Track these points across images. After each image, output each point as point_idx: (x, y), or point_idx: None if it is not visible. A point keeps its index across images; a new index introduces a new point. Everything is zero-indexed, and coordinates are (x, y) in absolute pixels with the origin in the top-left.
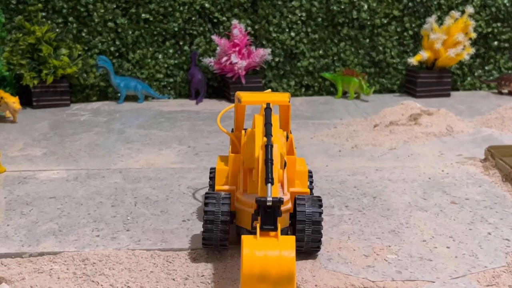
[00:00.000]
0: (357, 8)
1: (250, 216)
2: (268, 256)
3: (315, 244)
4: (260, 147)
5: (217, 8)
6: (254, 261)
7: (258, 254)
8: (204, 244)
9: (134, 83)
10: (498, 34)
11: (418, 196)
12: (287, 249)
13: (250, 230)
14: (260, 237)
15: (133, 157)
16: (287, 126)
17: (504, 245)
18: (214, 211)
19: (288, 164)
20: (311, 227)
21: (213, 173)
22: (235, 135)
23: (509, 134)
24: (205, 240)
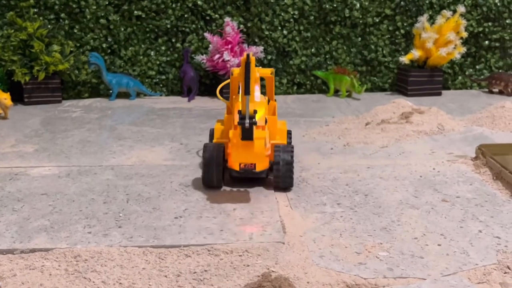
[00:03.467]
0: (349, 6)
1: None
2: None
3: (288, 180)
4: (240, 68)
5: (210, 5)
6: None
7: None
8: (205, 184)
9: (126, 80)
10: (489, 33)
11: (410, 194)
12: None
13: (239, 171)
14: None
15: (125, 153)
16: (271, 95)
17: (495, 243)
18: (209, 156)
19: (269, 123)
20: (285, 167)
21: (210, 132)
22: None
23: (499, 132)
24: (205, 180)
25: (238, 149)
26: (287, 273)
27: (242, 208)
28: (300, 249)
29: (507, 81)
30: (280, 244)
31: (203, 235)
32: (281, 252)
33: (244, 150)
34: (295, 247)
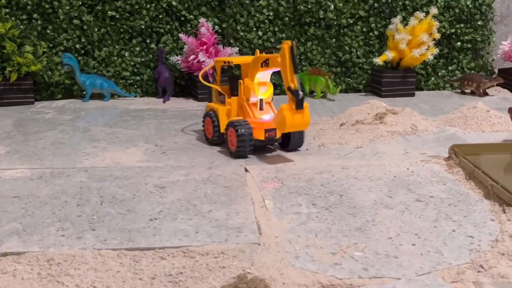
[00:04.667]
0: (323, 8)
1: (263, 130)
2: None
3: (300, 141)
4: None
5: (185, 6)
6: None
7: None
8: (238, 156)
9: (100, 81)
10: (461, 34)
11: (384, 194)
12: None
13: (263, 140)
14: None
15: (99, 155)
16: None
17: (468, 242)
18: (245, 131)
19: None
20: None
21: (211, 116)
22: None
23: (472, 133)
24: (240, 154)
25: (293, 117)
26: (262, 274)
27: (218, 209)
28: (275, 250)
29: (479, 82)
30: (255, 245)
31: (178, 237)
32: (256, 254)
33: (297, 118)
34: (270, 248)
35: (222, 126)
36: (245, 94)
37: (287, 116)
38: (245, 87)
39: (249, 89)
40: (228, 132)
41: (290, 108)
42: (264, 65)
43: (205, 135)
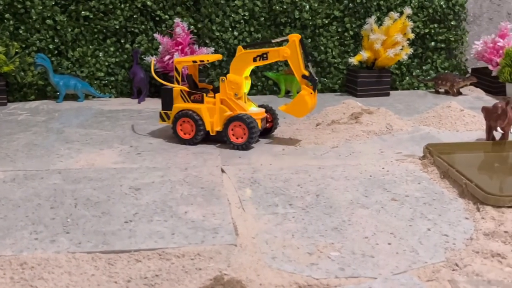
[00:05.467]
0: (299, 8)
1: (259, 121)
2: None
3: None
4: (295, 44)
5: (159, 6)
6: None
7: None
8: (246, 148)
9: (74, 82)
10: (435, 34)
11: (360, 193)
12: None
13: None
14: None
15: (73, 157)
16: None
17: (443, 241)
18: (256, 124)
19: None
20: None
21: (190, 116)
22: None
23: (446, 132)
24: (250, 143)
25: (311, 101)
26: (239, 275)
27: (194, 210)
28: (252, 251)
29: (453, 82)
30: (232, 246)
31: (154, 239)
32: (233, 255)
33: (313, 102)
34: (247, 249)
35: (208, 124)
36: (234, 89)
37: (308, 101)
38: (232, 82)
39: (238, 84)
40: (229, 126)
41: (308, 93)
42: (259, 59)
43: (180, 137)
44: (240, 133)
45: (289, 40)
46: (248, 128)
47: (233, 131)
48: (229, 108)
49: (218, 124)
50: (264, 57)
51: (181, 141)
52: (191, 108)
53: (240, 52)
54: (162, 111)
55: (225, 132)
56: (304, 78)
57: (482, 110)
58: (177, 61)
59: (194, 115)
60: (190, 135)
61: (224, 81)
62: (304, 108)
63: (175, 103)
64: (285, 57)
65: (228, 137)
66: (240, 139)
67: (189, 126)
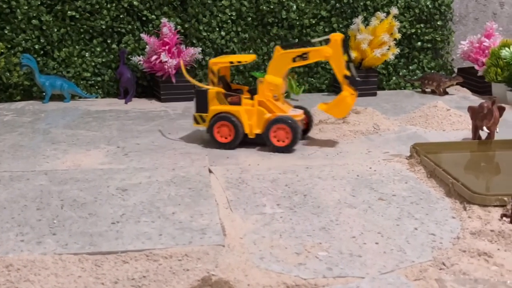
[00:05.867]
0: (286, 8)
1: (300, 122)
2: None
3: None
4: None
5: (146, 6)
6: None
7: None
8: (287, 150)
9: (60, 82)
10: (421, 34)
11: (347, 193)
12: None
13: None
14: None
15: (60, 158)
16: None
17: (430, 240)
18: (298, 125)
19: None
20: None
21: (228, 119)
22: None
23: (432, 131)
24: (292, 146)
25: (352, 100)
26: (227, 276)
27: (181, 211)
28: (240, 252)
29: (439, 81)
30: (220, 247)
31: (141, 240)
32: (221, 255)
33: (353, 101)
34: (235, 249)
35: (246, 126)
36: (273, 91)
37: (350, 101)
38: (271, 83)
39: (277, 86)
40: (271, 129)
41: (350, 94)
42: (299, 60)
43: (217, 141)
44: (283, 136)
45: (330, 39)
46: (292, 131)
47: (275, 134)
48: (268, 110)
49: (257, 126)
50: (304, 57)
51: (218, 145)
52: (229, 111)
53: (278, 53)
54: (197, 114)
55: (267, 135)
56: (346, 79)
57: (468, 110)
58: (213, 62)
59: (233, 118)
60: (228, 139)
61: (262, 83)
62: (346, 109)
63: (211, 106)
64: (326, 57)
65: (269, 140)
66: (282, 142)
67: (227, 129)
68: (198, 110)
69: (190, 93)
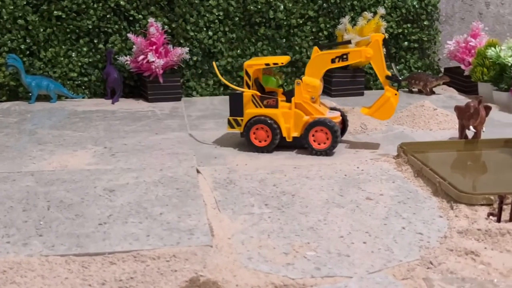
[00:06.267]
0: (273, 8)
1: (337, 124)
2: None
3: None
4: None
5: (133, 5)
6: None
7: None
8: (327, 154)
9: (46, 82)
10: (408, 34)
11: (335, 192)
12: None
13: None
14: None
15: (46, 159)
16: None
17: (417, 239)
18: (338, 128)
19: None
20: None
21: (266, 122)
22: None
23: (419, 131)
24: (333, 149)
25: (396, 101)
26: (215, 276)
27: (169, 212)
28: (228, 252)
29: (426, 81)
30: (208, 247)
31: (129, 241)
32: (209, 256)
33: (396, 102)
34: (223, 250)
35: (284, 130)
36: (310, 93)
37: (394, 102)
38: (309, 85)
39: (315, 87)
40: (311, 132)
41: (393, 94)
42: (338, 60)
43: (254, 145)
44: (323, 138)
45: (371, 39)
46: (332, 133)
47: (314, 137)
48: (305, 113)
49: (295, 129)
50: (344, 58)
51: (255, 149)
52: (266, 114)
53: (316, 53)
54: (231, 118)
55: (306, 137)
56: (388, 79)
57: (455, 109)
58: (248, 65)
59: (270, 121)
60: (265, 142)
61: (300, 84)
62: (390, 110)
63: (246, 109)
64: (367, 57)
65: (309, 143)
66: (323, 144)
67: (264, 133)
68: (233, 114)
69: (177, 93)
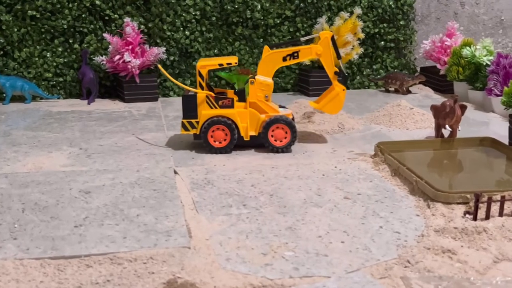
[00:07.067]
0: (250, 8)
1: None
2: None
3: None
4: (327, 41)
5: (108, 5)
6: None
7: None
8: (286, 150)
9: (21, 83)
10: (384, 34)
11: (313, 192)
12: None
13: None
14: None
15: (20, 160)
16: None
17: (395, 238)
18: (295, 125)
19: None
20: None
21: (224, 123)
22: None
23: (396, 130)
24: (291, 146)
25: (344, 95)
26: (193, 278)
27: (146, 213)
28: (206, 253)
29: (402, 80)
30: (185, 249)
31: (105, 243)
32: (187, 257)
33: (344, 97)
34: (201, 251)
35: (242, 129)
36: (264, 91)
37: (343, 97)
38: (263, 84)
39: (269, 86)
40: (269, 129)
41: (341, 90)
42: (290, 58)
43: (212, 146)
44: (281, 135)
45: (320, 37)
46: (290, 129)
47: (273, 134)
48: (260, 111)
49: (252, 128)
50: (295, 56)
51: (212, 150)
52: (223, 114)
53: (267, 52)
54: (185, 120)
55: (265, 135)
56: (336, 75)
57: (431, 108)
58: (201, 65)
59: (229, 122)
60: (223, 143)
61: (253, 83)
62: (339, 105)
63: (202, 111)
64: (318, 54)
65: (269, 141)
66: (281, 141)
67: (222, 133)
68: (186, 116)
69: (154, 93)
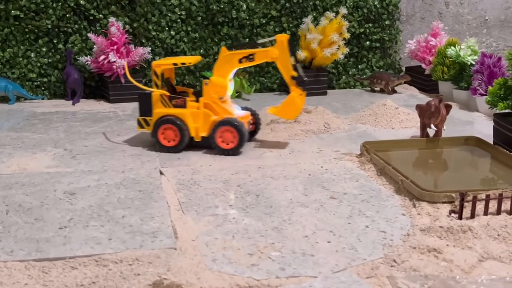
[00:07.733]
0: (236, 7)
1: (247, 123)
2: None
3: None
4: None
5: (93, 5)
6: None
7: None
8: (235, 153)
9: (4, 84)
10: (370, 34)
11: (299, 192)
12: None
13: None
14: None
15: (4, 162)
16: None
17: (381, 237)
18: (245, 128)
19: None
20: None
21: (173, 122)
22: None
23: (382, 130)
24: (239, 149)
25: (301, 100)
26: (179, 279)
27: (132, 214)
28: (192, 254)
29: (388, 80)
30: (172, 250)
31: (90, 245)
32: (173, 259)
33: (302, 101)
34: (187, 252)
35: (192, 129)
36: (218, 92)
37: (299, 102)
38: (217, 85)
39: (223, 87)
40: (217, 131)
41: (298, 94)
42: (245, 61)
43: (163, 145)
44: (230, 138)
45: (276, 40)
46: (238, 133)
47: (221, 136)
48: (213, 112)
49: (203, 129)
50: (251, 58)
51: (163, 149)
52: (174, 114)
53: (224, 53)
54: (140, 118)
55: (213, 137)
56: (293, 79)
57: (416, 108)
58: (156, 64)
59: (178, 121)
60: (173, 142)
61: (207, 84)
62: (295, 110)
63: (155, 109)
64: (273, 58)
65: (215, 142)
66: (229, 144)
67: (172, 132)
68: (142, 114)
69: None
